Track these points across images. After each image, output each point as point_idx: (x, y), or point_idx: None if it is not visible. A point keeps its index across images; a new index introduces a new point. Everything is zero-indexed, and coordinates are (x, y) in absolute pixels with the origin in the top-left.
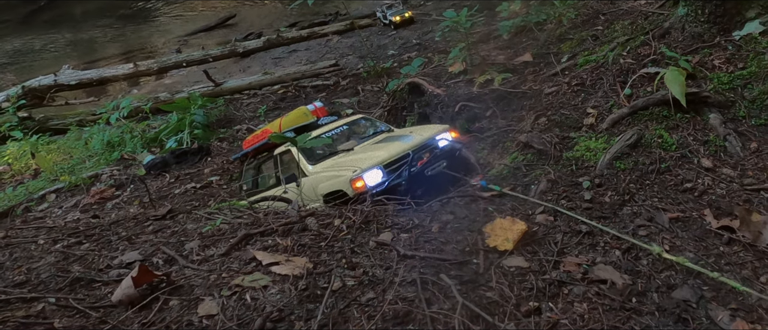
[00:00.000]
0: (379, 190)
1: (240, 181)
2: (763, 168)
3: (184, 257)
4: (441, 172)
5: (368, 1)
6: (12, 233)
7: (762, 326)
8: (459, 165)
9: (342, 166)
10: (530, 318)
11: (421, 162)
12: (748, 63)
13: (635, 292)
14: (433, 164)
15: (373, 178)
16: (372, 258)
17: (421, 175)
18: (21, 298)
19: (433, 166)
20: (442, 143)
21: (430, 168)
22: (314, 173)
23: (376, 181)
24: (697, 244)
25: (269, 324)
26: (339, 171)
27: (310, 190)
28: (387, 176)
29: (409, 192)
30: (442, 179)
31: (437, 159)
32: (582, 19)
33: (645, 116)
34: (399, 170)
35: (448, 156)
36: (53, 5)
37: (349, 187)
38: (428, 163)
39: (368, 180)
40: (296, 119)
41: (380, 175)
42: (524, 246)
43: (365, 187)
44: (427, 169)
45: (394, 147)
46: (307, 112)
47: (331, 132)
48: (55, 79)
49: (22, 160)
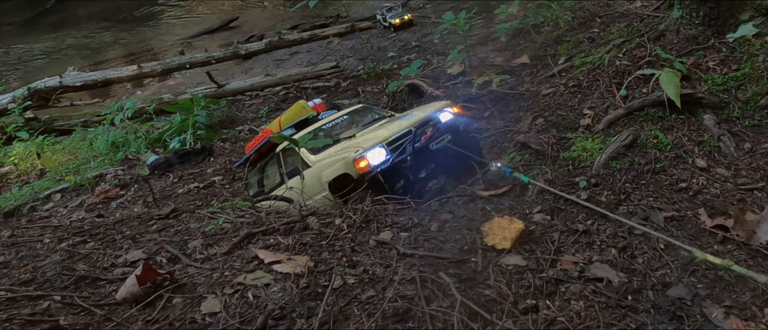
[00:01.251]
0: (384, 167)
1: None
2: (757, 168)
3: (187, 256)
4: (446, 147)
5: (368, 4)
6: (18, 232)
7: (755, 324)
8: (465, 143)
9: (344, 150)
10: (528, 315)
11: (424, 137)
12: (742, 65)
13: (631, 290)
14: (437, 138)
15: (376, 157)
16: (372, 256)
17: (426, 149)
18: (27, 296)
19: (437, 140)
20: (444, 118)
21: (434, 142)
22: (317, 162)
23: (380, 160)
24: (692, 243)
25: (271, 321)
26: (341, 155)
27: (315, 181)
28: (390, 154)
29: (416, 169)
30: (449, 156)
31: (441, 133)
32: (578, 21)
33: (640, 117)
34: (402, 147)
35: (452, 130)
36: (59, 8)
37: (353, 169)
38: (432, 137)
39: (371, 159)
40: (296, 114)
41: (383, 153)
42: (522, 245)
43: (369, 166)
44: (431, 143)
45: (396, 126)
46: (306, 105)
47: (331, 122)
48: (60, 81)
49: (27, 160)
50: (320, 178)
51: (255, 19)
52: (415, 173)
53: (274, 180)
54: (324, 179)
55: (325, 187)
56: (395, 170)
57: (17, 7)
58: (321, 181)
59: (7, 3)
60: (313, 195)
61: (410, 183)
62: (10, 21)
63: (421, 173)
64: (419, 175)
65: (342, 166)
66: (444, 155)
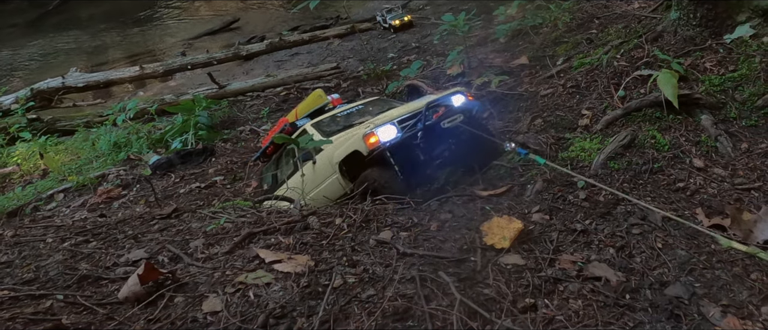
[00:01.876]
0: (394, 143)
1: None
2: (754, 168)
3: (188, 255)
4: (459, 128)
5: (368, 5)
6: (21, 232)
7: (752, 322)
8: (477, 126)
9: (355, 130)
10: (526, 314)
11: (436, 115)
12: (739, 66)
13: (629, 289)
14: (449, 116)
15: (386, 134)
16: (372, 256)
17: (437, 127)
18: (30, 295)
19: (449, 119)
20: (456, 101)
21: (446, 120)
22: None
23: (390, 137)
24: (690, 242)
25: (272, 320)
26: (352, 133)
27: (326, 164)
28: (401, 132)
29: (427, 149)
30: (462, 139)
31: (453, 113)
32: (577, 22)
33: (638, 117)
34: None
35: (464, 112)
36: (61, 9)
37: (363, 145)
38: (443, 115)
39: (382, 135)
40: (312, 103)
41: (394, 130)
42: (521, 244)
43: (379, 142)
44: (442, 121)
45: (407, 107)
46: (322, 94)
47: (346, 111)
48: (63, 82)
49: (30, 160)
50: (331, 160)
51: (256, 21)
52: (427, 153)
53: (287, 171)
54: (335, 160)
55: (336, 169)
56: (405, 147)
57: (20, 8)
58: (332, 162)
59: (11, 5)
60: (324, 179)
61: (421, 163)
62: (13, 22)
63: (433, 153)
64: (431, 155)
65: (352, 144)
66: (457, 138)
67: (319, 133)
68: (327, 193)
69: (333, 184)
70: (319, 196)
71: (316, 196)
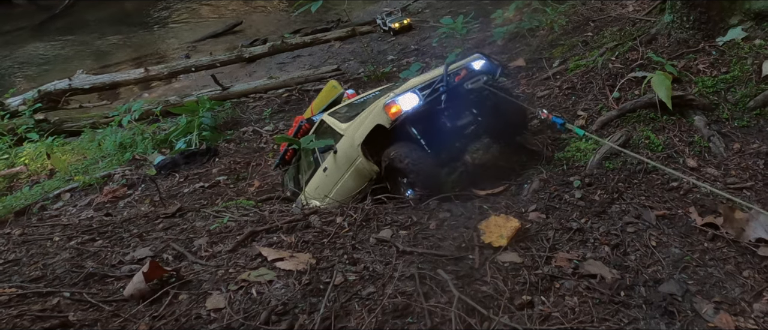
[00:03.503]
0: (417, 110)
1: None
2: (746, 168)
3: (192, 253)
4: (484, 90)
5: (369, 9)
6: (29, 231)
7: (745, 319)
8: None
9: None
10: (523, 311)
11: (458, 78)
12: (731, 67)
13: (623, 286)
14: (472, 78)
15: (408, 102)
16: (372, 254)
17: (460, 88)
18: (37, 293)
19: (472, 80)
20: (477, 65)
21: (468, 82)
22: (348, 128)
23: (412, 104)
24: (683, 240)
25: (274, 317)
26: (372, 108)
27: (349, 149)
28: (423, 99)
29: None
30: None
31: (475, 74)
32: (573, 25)
33: (633, 118)
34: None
35: (487, 73)
36: (68, 12)
37: (385, 116)
38: (465, 77)
39: (403, 104)
40: (326, 96)
41: (415, 98)
42: (518, 242)
43: (401, 110)
44: (465, 82)
45: (426, 75)
46: (336, 84)
47: (363, 98)
48: (69, 84)
49: (38, 160)
50: (353, 142)
51: (259, 24)
52: (453, 120)
53: (309, 170)
54: (357, 141)
55: (359, 152)
56: (429, 116)
57: (27, 12)
58: (354, 146)
59: (18, 8)
60: (348, 167)
61: (447, 132)
62: (20, 25)
63: (460, 122)
64: (457, 124)
65: (374, 118)
66: (482, 105)
67: (337, 120)
68: (352, 182)
69: (357, 169)
70: (345, 188)
71: (342, 187)
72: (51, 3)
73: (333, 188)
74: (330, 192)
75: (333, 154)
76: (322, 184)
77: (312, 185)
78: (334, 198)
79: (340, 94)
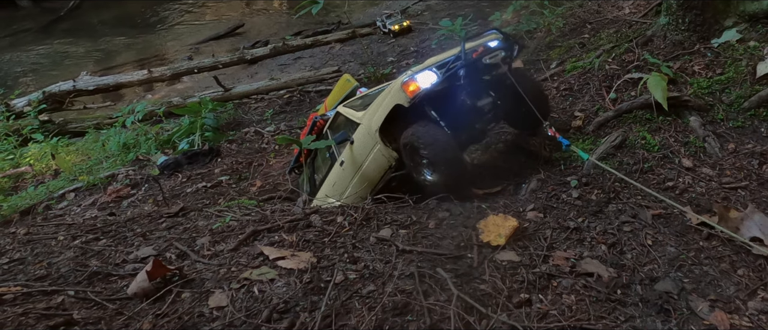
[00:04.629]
0: (436, 85)
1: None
2: (740, 167)
3: (195, 252)
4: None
5: (369, 11)
6: (33, 230)
7: (739, 316)
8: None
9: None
10: (521, 309)
11: (475, 54)
12: (726, 69)
13: (620, 284)
14: (490, 53)
15: (426, 79)
16: (372, 253)
17: (478, 64)
18: (42, 291)
19: (490, 55)
20: (493, 43)
21: (486, 57)
22: (365, 116)
23: (431, 82)
24: (679, 239)
25: (276, 315)
26: (388, 90)
27: (366, 136)
28: (441, 76)
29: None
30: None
31: (492, 50)
32: (570, 27)
33: (629, 119)
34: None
35: (505, 49)
36: (72, 15)
37: (403, 95)
38: (483, 53)
39: (421, 81)
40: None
41: (433, 75)
42: (516, 241)
43: (419, 88)
44: (483, 58)
45: (443, 54)
46: (350, 77)
47: (377, 89)
48: (73, 85)
49: (42, 161)
50: (371, 128)
51: (260, 26)
52: (473, 98)
53: (325, 167)
54: (374, 126)
55: (377, 139)
56: (448, 95)
57: (32, 14)
58: (371, 133)
59: (23, 11)
60: (366, 157)
61: (467, 111)
62: (25, 28)
63: (479, 102)
64: (477, 104)
65: (391, 98)
66: (501, 85)
67: (352, 110)
68: (371, 173)
69: (375, 158)
70: (364, 179)
71: (360, 179)
72: (55, 5)
73: (350, 181)
74: (347, 186)
75: (349, 145)
76: (339, 180)
77: (329, 182)
78: (352, 193)
79: (353, 87)
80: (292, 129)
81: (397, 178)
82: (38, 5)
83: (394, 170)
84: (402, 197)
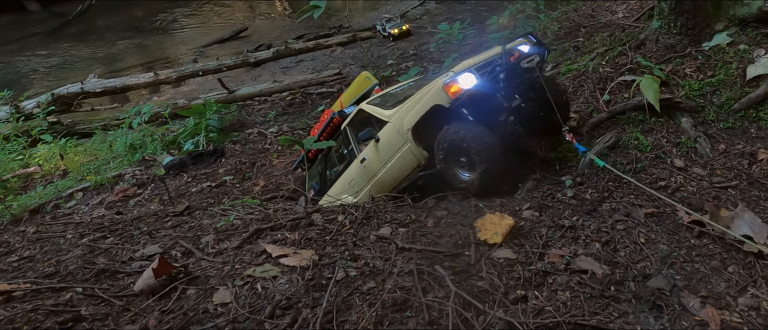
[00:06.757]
0: (477, 89)
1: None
2: (731, 167)
3: (200, 250)
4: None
5: (369, 15)
6: (42, 228)
7: (730, 312)
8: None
9: (430, 86)
10: (517, 305)
11: (512, 58)
12: (717, 71)
13: (613, 281)
14: (526, 58)
15: (467, 81)
16: (373, 250)
17: (517, 68)
18: (51, 288)
19: (526, 60)
20: (524, 49)
21: (524, 61)
22: (393, 115)
23: (471, 84)
24: (671, 237)
25: (278, 311)
26: (427, 90)
27: (394, 136)
28: (481, 79)
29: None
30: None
31: (529, 55)
32: (565, 31)
33: (622, 120)
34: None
35: (539, 54)
36: (80, 19)
37: (444, 96)
38: (519, 58)
39: (463, 82)
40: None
41: (473, 78)
42: (512, 239)
43: (461, 89)
44: (520, 62)
45: (481, 56)
46: (369, 75)
47: (398, 87)
48: (81, 87)
49: (51, 161)
50: (402, 127)
51: (263, 30)
52: (509, 100)
53: (340, 163)
54: (407, 125)
55: (409, 138)
56: (488, 97)
57: (41, 18)
58: (402, 132)
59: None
60: (392, 155)
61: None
62: (35, 32)
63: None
64: (513, 105)
65: (431, 98)
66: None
67: (380, 108)
68: (395, 171)
69: (404, 157)
70: (389, 176)
71: (385, 176)
72: (64, 10)
73: (373, 178)
74: (368, 183)
75: (374, 142)
76: (358, 177)
77: (345, 179)
78: (374, 189)
79: (372, 85)
80: (295, 130)
81: (424, 177)
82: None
83: (421, 169)
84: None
